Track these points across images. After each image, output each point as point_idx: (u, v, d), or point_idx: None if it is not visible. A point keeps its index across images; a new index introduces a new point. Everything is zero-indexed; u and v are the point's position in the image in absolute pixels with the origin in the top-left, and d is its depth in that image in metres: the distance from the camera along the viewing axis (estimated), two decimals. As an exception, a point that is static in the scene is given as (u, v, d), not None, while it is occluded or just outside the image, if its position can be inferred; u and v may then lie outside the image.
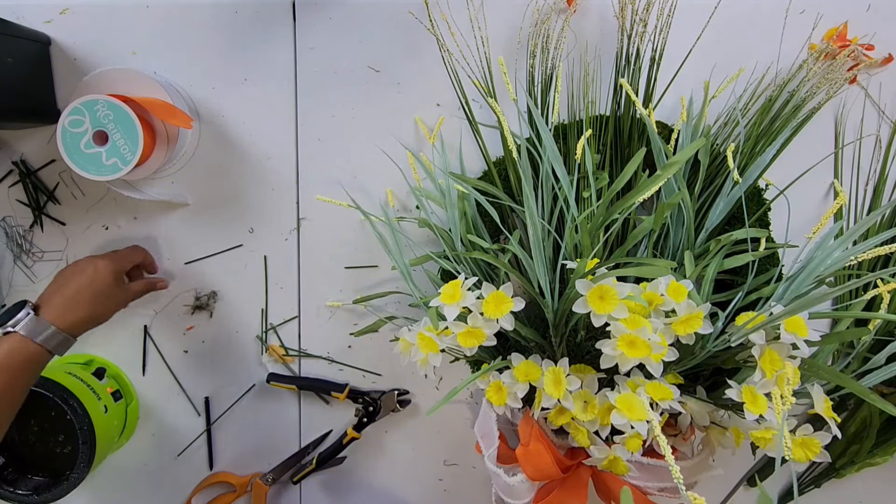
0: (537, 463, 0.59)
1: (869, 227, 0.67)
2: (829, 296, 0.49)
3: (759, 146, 0.64)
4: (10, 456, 0.70)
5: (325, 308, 0.75)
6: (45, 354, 0.60)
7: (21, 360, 0.58)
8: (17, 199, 0.75)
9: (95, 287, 0.64)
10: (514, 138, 0.63)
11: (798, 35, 0.67)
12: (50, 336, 0.60)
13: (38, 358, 0.59)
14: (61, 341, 0.61)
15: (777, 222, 0.67)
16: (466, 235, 0.65)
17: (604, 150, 0.66)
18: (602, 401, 0.55)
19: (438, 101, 0.71)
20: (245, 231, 0.74)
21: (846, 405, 0.69)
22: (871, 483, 0.73)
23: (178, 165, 0.73)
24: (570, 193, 0.59)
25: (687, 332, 0.52)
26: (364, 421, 0.75)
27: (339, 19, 0.71)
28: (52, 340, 0.60)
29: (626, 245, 0.57)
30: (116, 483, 0.79)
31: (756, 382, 0.53)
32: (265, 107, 0.72)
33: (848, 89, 0.69)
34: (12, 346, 0.58)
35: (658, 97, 0.66)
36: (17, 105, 0.68)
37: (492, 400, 0.59)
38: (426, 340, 0.58)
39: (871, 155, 0.70)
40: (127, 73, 0.68)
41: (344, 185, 0.73)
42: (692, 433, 0.62)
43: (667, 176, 0.54)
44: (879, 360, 0.60)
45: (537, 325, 0.62)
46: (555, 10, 0.68)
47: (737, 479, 0.75)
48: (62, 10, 0.71)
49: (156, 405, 0.78)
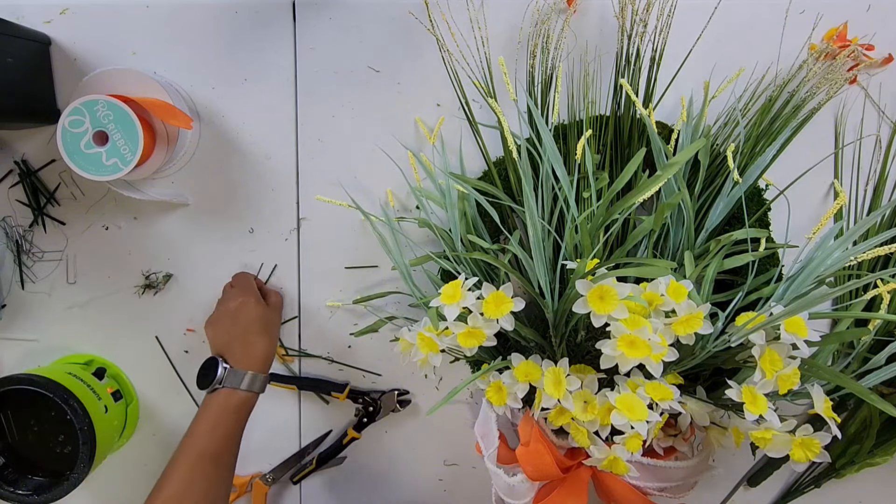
0: (537, 463, 0.59)
1: (869, 227, 0.67)
2: (829, 296, 0.49)
3: (759, 146, 0.64)
4: (10, 456, 0.70)
5: (325, 308, 0.75)
6: (252, 397, 0.64)
7: (234, 410, 0.63)
8: (17, 199, 0.75)
9: (257, 321, 0.67)
10: (514, 138, 0.63)
11: (798, 35, 0.67)
12: (251, 381, 0.64)
13: (247, 403, 0.64)
14: (262, 381, 0.65)
15: (777, 222, 0.67)
16: (466, 235, 0.65)
17: (604, 150, 0.66)
18: (602, 401, 0.55)
19: (438, 101, 0.71)
20: (245, 231, 0.74)
21: (846, 405, 0.69)
22: (871, 483, 0.73)
23: (178, 165, 0.73)
24: (570, 193, 0.59)
25: (687, 332, 0.52)
26: (364, 421, 0.75)
27: (339, 19, 0.71)
28: (255, 384, 0.64)
29: (626, 245, 0.57)
30: (116, 483, 0.79)
31: (756, 382, 0.53)
32: (265, 107, 0.72)
33: (848, 89, 0.69)
34: (226, 401, 0.63)
35: (658, 97, 0.66)
36: (17, 105, 0.68)
37: (492, 400, 0.59)
38: (426, 340, 0.58)
39: (871, 155, 0.70)
40: (127, 73, 0.68)
41: (344, 185, 0.73)
42: (692, 433, 0.62)
43: (667, 176, 0.54)
44: (879, 361, 0.60)
45: (537, 325, 0.62)
46: (555, 10, 0.68)
47: (737, 479, 0.75)
48: (62, 10, 0.71)
49: (156, 405, 0.78)
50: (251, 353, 0.65)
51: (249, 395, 0.64)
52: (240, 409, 0.63)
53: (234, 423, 0.63)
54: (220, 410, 0.62)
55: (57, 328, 0.77)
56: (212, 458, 0.60)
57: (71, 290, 0.76)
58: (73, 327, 0.76)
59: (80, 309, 0.76)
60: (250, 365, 0.64)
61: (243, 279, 0.72)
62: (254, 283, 0.72)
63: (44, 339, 0.77)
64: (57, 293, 0.76)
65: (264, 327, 0.67)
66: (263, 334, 0.67)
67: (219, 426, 0.62)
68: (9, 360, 0.78)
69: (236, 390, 0.63)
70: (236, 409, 0.63)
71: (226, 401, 0.62)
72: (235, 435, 0.63)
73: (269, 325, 0.68)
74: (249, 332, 0.66)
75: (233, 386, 0.63)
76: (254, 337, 0.66)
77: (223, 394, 0.63)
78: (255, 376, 0.64)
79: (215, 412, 0.62)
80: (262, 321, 0.67)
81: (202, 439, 0.61)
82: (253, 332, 0.66)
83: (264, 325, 0.67)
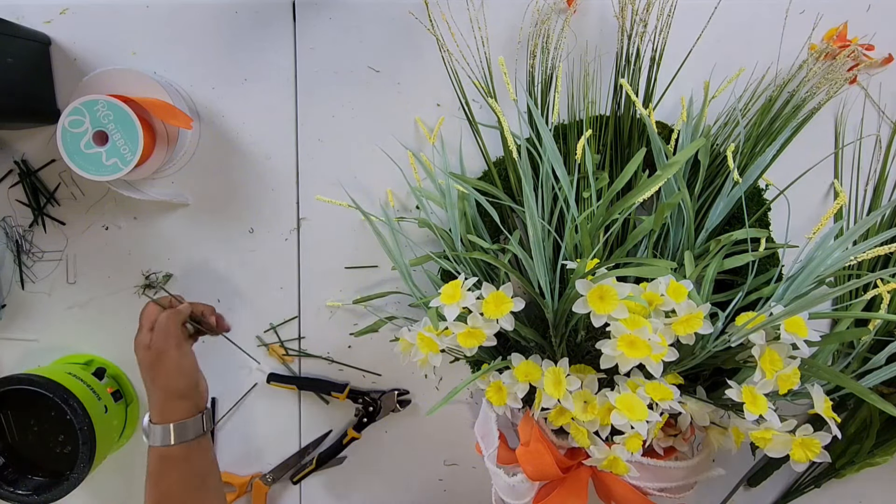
0: (537, 463, 0.59)
1: (869, 227, 0.67)
2: (829, 296, 0.49)
3: (759, 146, 0.64)
4: (10, 456, 0.70)
5: (325, 308, 0.75)
6: (188, 446, 0.61)
7: (173, 463, 0.60)
8: (17, 199, 0.75)
9: (144, 366, 0.62)
10: (514, 138, 0.63)
11: (798, 35, 0.67)
12: (179, 431, 0.60)
13: (185, 453, 0.61)
14: (192, 423, 0.61)
15: (777, 222, 0.67)
16: (466, 235, 0.65)
17: (604, 150, 0.66)
18: (602, 401, 0.55)
19: (438, 101, 0.71)
20: (245, 231, 0.74)
21: (846, 405, 0.69)
22: (871, 483, 0.73)
23: (178, 165, 0.73)
24: (570, 193, 0.59)
25: (687, 332, 0.52)
26: (364, 421, 0.75)
27: (339, 19, 0.71)
28: (184, 432, 0.61)
29: (626, 245, 0.57)
30: (116, 483, 0.79)
31: (756, 382, 0.53)
32: (265, 107, 0.72)
33: (848, 89, 0.69)
34: (159, 456, 0.60)
35: (658, 97, 0.66)
36: (17, 105, 0.68)
37: (492, 400, 0.59)
38: (426, 340, 0.58)
39: (871, 155, 0.70)
40: (127, 73, 0.68)
41: (344, 185, 0.73)
42: (692, 433, 0.62)
43: (667, 176, 0.54)
44: (879, 360, 0.60)
45: (537, 325, 0.62)
46: (555, 10, 0.68)
47: (737, 479, 0.75)
48: (62, 10, 0.71)
49: (156, 405, 0.78)
50: (171, 402, 0.61)
51: (183, 446, 0.60)
52: (179, 461, 0.60)
53: (175, 480, 0.60)
54: (154, 469, 0.60)
55: (57, 328, 0.77)
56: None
57: (71, 290, 0.76)
58: (73, 327, 0.76)
59: (80, 309, 0.76)
60: (170, 415, 0.61)
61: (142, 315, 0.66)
62: (144, 320, 0.65)
63: (44, 339, 0.77)
64: (57, 293, 0.76)
65: (149, 368, 0.62)
66: (152, 378, 0.62)
67: (160, 483, 0.60)
68: (9, 360, 0.78)
69: (169, 447, 0.60)
70: (175, 462, 0.60)
71: (159, 456, 0.60)
72: (188, 484, 0.61)
73: (154, 364, 0.62)
74: (145, 380, 0.62)
75: (163, 444, 0.60)
76: (148, 384, 0.62)
77: (156, 452, 0.60)
78: (181, 424, 0.60)
79: (151, 468, 0.60)
80: (146, 363, 0.62)
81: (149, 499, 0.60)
82: (147, 379, 0.62)
83: (149, 367, 0.62)
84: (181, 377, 0.63)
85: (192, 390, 0.63)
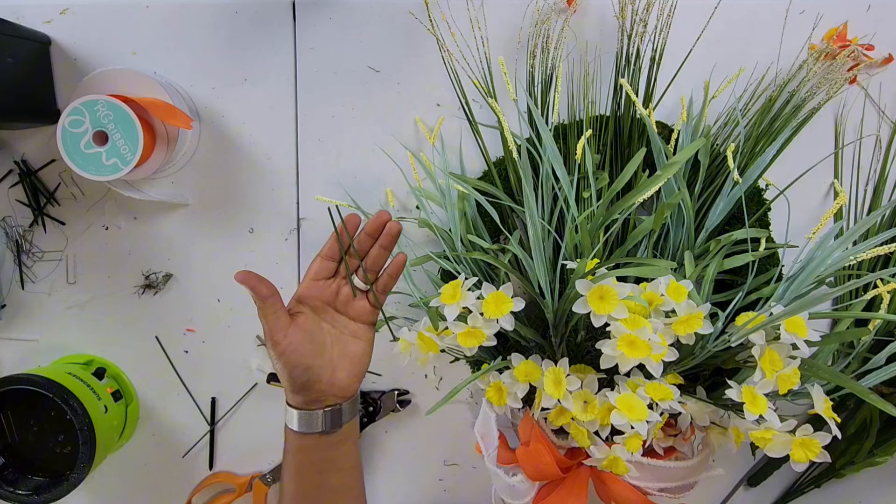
0: (537, 463, 0.59)
1: (869, 227, 0.67)
2: (829, 296, 0.49)
3: (759, 146, 0.64)
4: (10, 456, 0.70)
5: (325, 308, 0.75)
6: (300, 438, 0.56)
7: (289, 453, 0.58)
8: (17, 199, 0.75)
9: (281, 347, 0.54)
10: (514, 138, 0.63)
11: (798, 35, 0.67)
12: (289, 419, 0.57)
13: (298, 445, 0.57)
14: (308, 416, 0.56)
15: (777, 222, 0.67)
16: (466, 235, 0.65)
17: (604, 150, 0.66)
18: (602, 401, 0.55)
19: (438, 101, 0.71)
20: (245, 231, 0.74)
21: (846, 405, 0.69)
22: (871, 483, 0.73)
23: (178, 165, 0.73)
24: (570, 193, 0.59)
25: (687, 332, 0.52)
26: (364, 421, 0.75)
27: (339, 19, 0.71)
28: (298, 422, 0.56)
29: (626, 245, 0.57)
30: (116, 483, 0.79)
31: (756, 382, 0.53)
32: (265, 107, 0.72)
33: (848, 89, 0.69)
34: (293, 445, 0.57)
35: (658, 97, 0.66)
36: (17, 105, 0.68)
37: (492, 400, 0.59)
38: (426, 340, 0.58)
39: (871, 155, 0.70)
40: (127, 73, 0.68)
41: (344, 185, 0.73)
42: (692, 433, 0.62)
43: (667, 176, 0.54)
44: (879, 360, 0.60)
45: (537, 325, 0.62)
46: (555, 10, 0.68)
47: (737, 479, 0.75)
48: (62, 10, 0.71)
49: (156, 405, 0.78)
50: (296, 384, 0.55)
51: (298, 435, 0.56)
52: (292, 451, 0.57)
53: (292, 468, 0.57)
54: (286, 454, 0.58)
55: (57, 328, 0.77)
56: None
57: (71, 290, 0.76)
58: (73, 327, 0.76)
59: (80, 309, 0.76)
60: (291, 399, 0.57)
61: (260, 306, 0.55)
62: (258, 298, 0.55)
63: (44, 339, 0.77)
64: (57, 293, 0.76)
65: (271, 348, 0.55)
66: (275, 358, 0.55)
67: (287, 471, 0.58)
68: (9, 360, 0.78)
69: (302, 434, 0.56)
70: (289, 452, 0.58)
71: (294, 446, 0.57)
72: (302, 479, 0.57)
73: (274, 345, 0.54)
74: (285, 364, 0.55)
75: (300, 429, 0.56)
76: (293, 365, 0.55)
77: (292, 437, 0.57)
78: (291, 413, 0.56)
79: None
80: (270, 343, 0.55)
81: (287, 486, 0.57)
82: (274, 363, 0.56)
83: (271, 346, 0.55)
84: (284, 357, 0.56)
85: (315, 357, 0.57)
